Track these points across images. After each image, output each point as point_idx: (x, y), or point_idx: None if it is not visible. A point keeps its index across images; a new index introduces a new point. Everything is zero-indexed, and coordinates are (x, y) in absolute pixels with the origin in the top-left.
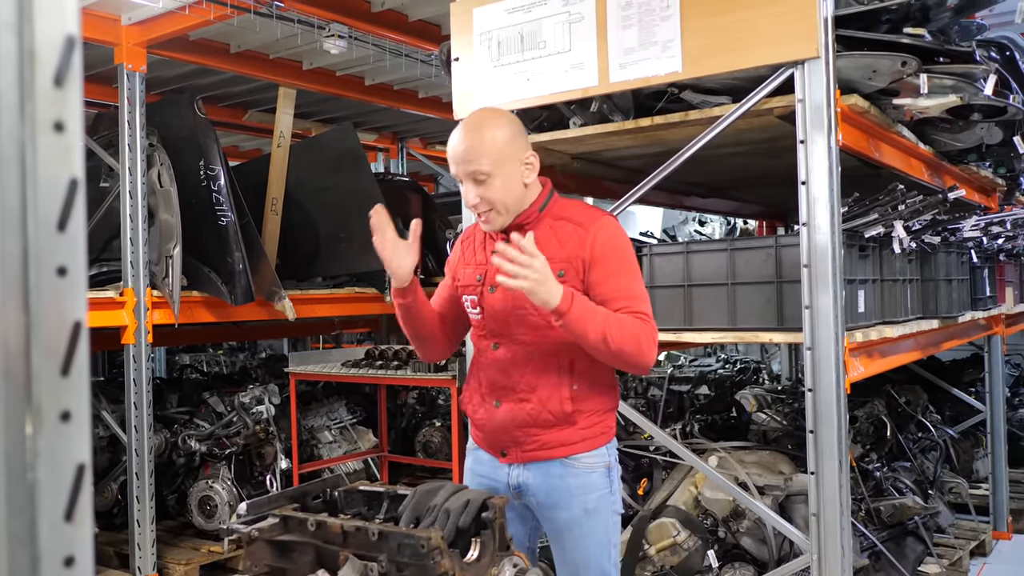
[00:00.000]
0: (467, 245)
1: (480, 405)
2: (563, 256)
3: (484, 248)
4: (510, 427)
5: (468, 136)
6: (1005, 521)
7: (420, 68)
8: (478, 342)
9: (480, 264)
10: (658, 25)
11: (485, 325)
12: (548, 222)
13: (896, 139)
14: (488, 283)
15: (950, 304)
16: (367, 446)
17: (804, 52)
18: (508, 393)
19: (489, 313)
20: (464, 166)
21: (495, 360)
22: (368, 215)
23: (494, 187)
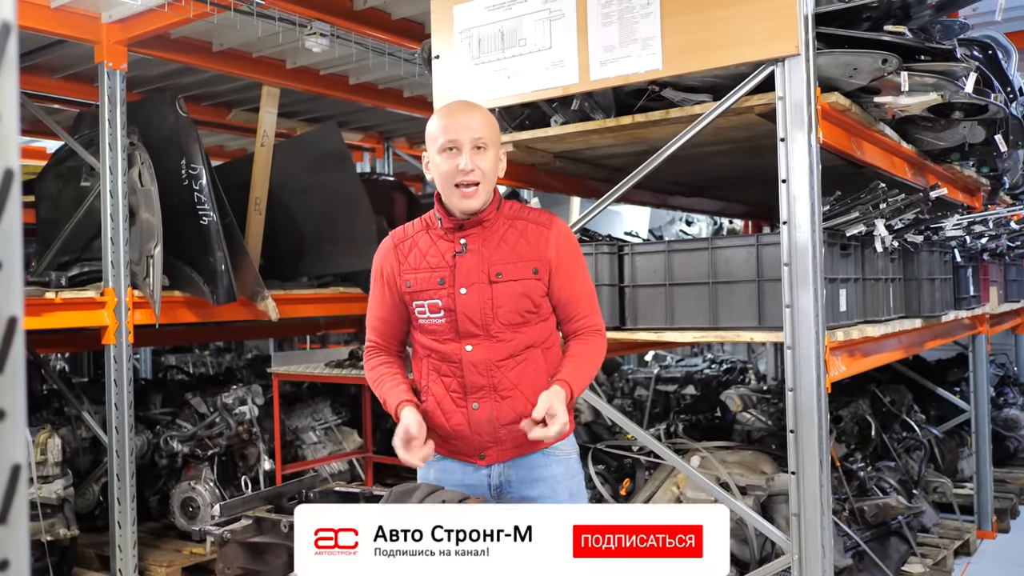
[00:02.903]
0: (407, 248)
1: (453, 411)
2: (534, 255)
3: (437, 250)
4: (493, 427)
5: (467, 107)
6: (989, 520)
7: (404, 67)
8: (441, 346)
9: (438, 267)
10: (638, 22)
11: (454, 328)
12: (509, 222)
13: (878, 137)
14: (459, 284)
15: (933, 303)
16: (352, 447)
17: (784, 50)
18: (488, 393)
19: (462, 314)
20: (467, 132)
21: (470, 362)
22: (353, 215)
23: (488, 159)
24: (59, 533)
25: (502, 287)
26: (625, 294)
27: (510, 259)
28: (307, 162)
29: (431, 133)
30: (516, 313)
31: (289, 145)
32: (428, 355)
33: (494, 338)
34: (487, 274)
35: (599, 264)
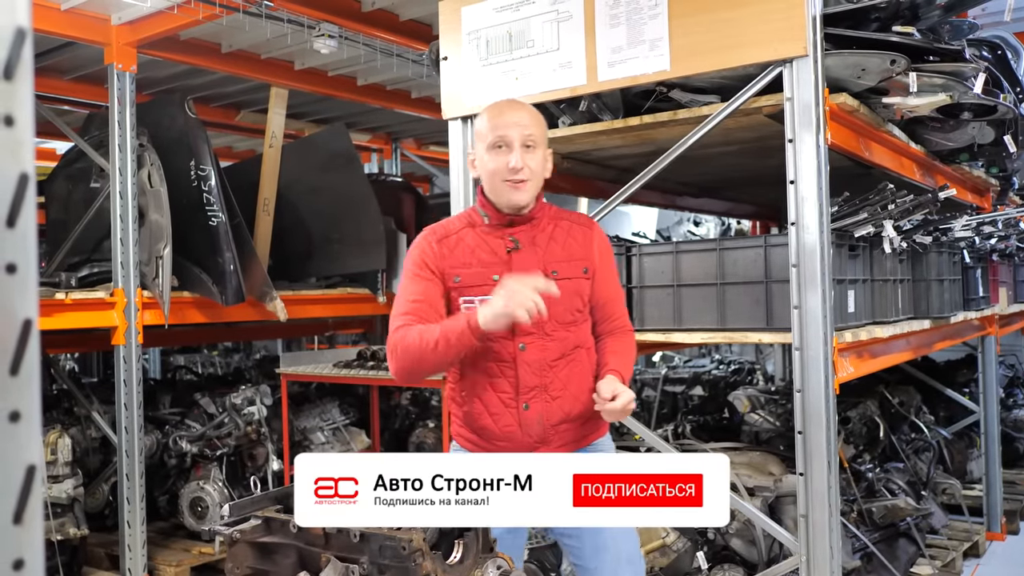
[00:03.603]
0: (452, 244)
1: (503, 411)
2: (583, 255)
3: (487, 246)
4: (542, 428)
5: (517, 105)
6: (999, 522)
7: (412, 68)
8: (492, 344)
9: (491, 263)
10: (646, 23)
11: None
12: (554, 221)
13: (887, 138)
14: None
15: (942, 304)
16: (360, 447)
17: (792, 50)
18: (539, 393)
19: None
20: (519, 129)
21: (524, 361)
22: (362, 215)
23: (537, 158)
24: (69, 532)
25: (559, 284)
26: (633, 295)
27: (563, 257)
28: (315, 163)
29: (480, 130)
30: (568, 312)
31: (297, 146)
32: (472, 357)
33: (548, 336)
34: (544, 271)
35: None
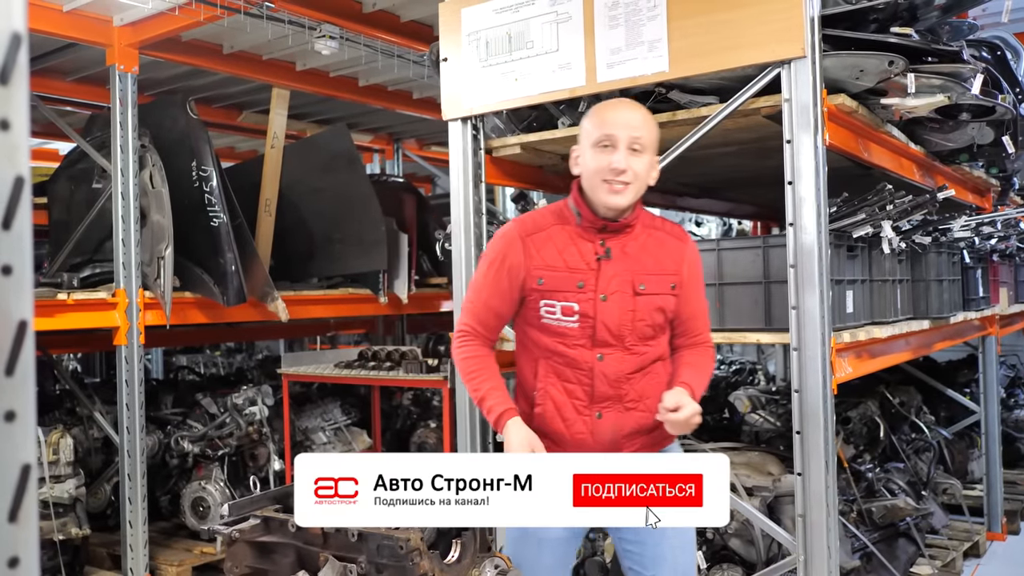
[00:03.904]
0: (540, 242)
1: (575, 418)
2: (672, 268)
3: (576, 250)
4: (615, 437)
5: (629, 105)
6: (999, 522)
7: (413, 69)
8: (568, 351)
9: (578, 269)
10: (645, 25)
11: (590, 335)
12: (647, 231)
13: (886, 139)
14: (600, 291)
15: (941, 305)
16: (361, 447)
17: (790, 52)
18: (613, 403)
19: (601, 323)
20: (628, 130)
21: (601, 372)
22: (363, 216)
23: (643, 162)
24: (71, 532)
25: (644, 300)
26: None
27: (653, 271)
28: (317, 163)
29: (586, 128)
30: (651, 327)
31: (299, 147)
32: (548, 357)
33: (628, 350)
34: (631, 284)
35: None
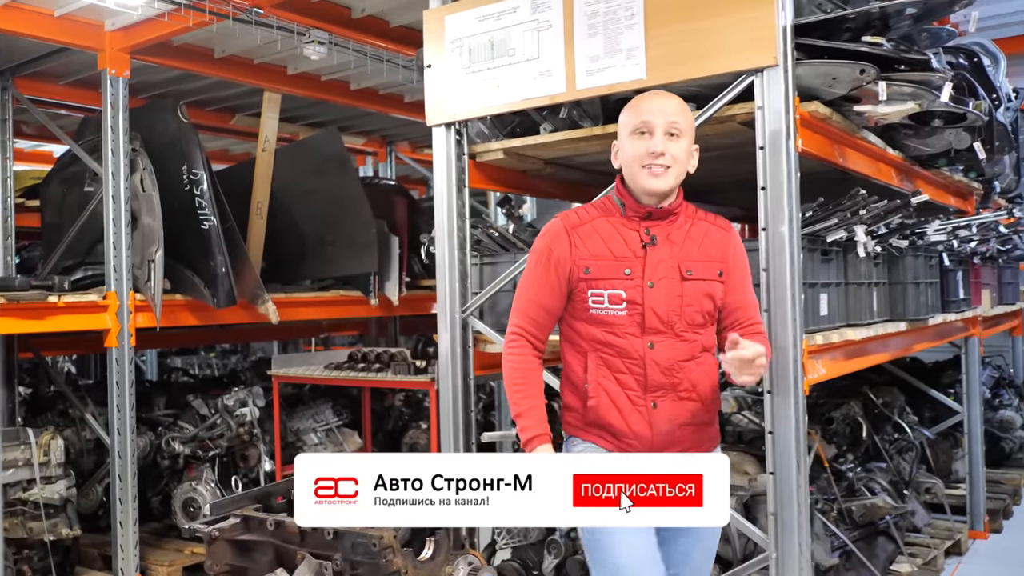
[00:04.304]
0: (585, 234)
1: (631, 409)
2: (719, 257)
3: (621, 239)
4: (671, 427)
5: (663, 94)
6: (982, 521)
7: (403, 73)
8: (618, 340)
9: (623, 256)
10: (623, 33)
11: (638, 322)
12: (691, 220)
13: (862, 144)
14: (648, 277)
15: (918, 307)
16: (352, 448)
17: (763, 60)
18: (667, 392)
19: (649, 309)
20: (664, 115)
21: (653, 360)
22: (354, 218)
23: (681, 146)
24: (62, 533)
25: (692, 285)
26: None
27: (700, 257)
28: (309, 166)
29: (623, 120)
30: (700, 313)
31: (291, 149)
32: (597, 349)
33: (678, 337)
34: (678, 269)
35: None
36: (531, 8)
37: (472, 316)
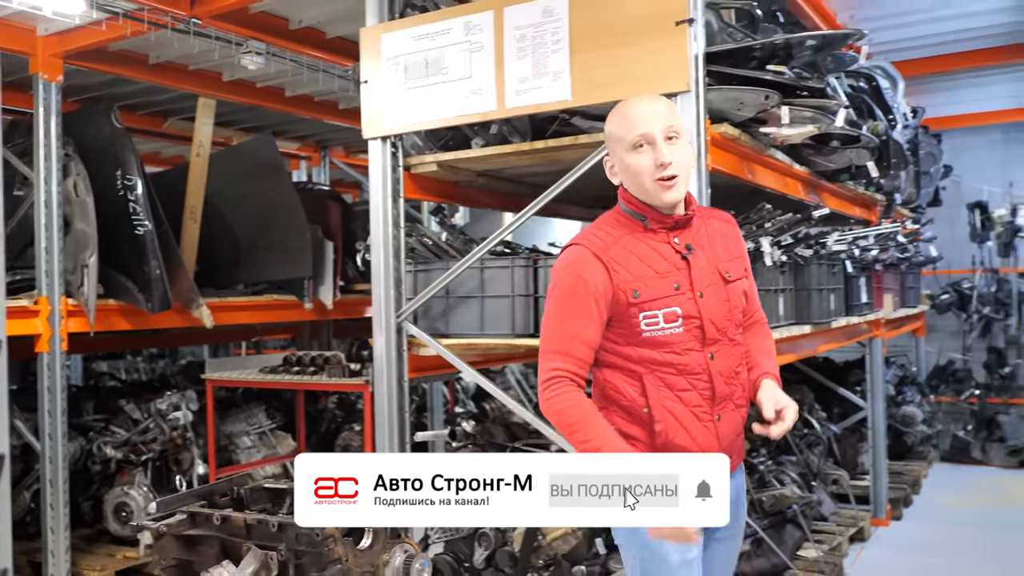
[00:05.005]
0: (620, 256)
1: (699, 426)
2: (739, 252)
3: (658, 254)
4: (732, 438)
5: (656, 99)
6: (884, 509)
7: (339, 82)
8: (679, 358)
9: (667, 272)
10: (550, 57)
11: (698, 336)
12: (704, 220)
13: (770, 161)
14: (697, 288)
15: (822, 311)
16: (285, 450)
17: (677, 86)
18: (727, 403)
19: (708, 320)
20: (658, 122)
21: (717, 371)
22: (288, 223)
23: (682, 150)
24: None
25: (734, 287)
26: (539, 303)
27: (727, 257)
28: (243, 171)
29: (615, 133)
30: (741, 312)
31: (225, 154)
32: (655, 371)
33: (732, 342)
34: (719, 273)
35: (515, 276)
36: (464, 30)
37: (407, 321)
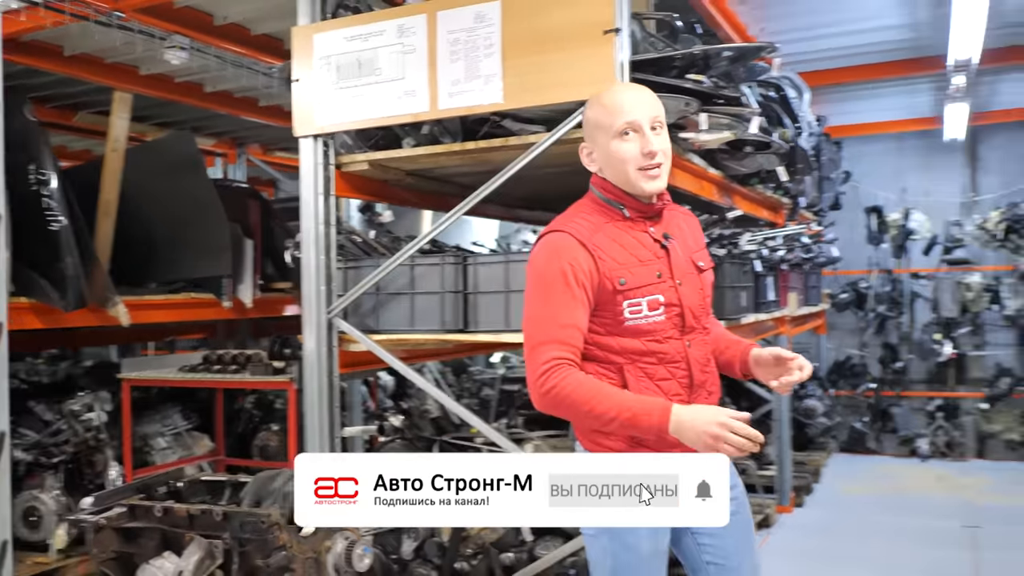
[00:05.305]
0: (603, 244)
1: None
2: (703, 242)
3: (638, 242)
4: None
5: (638, 88)
6: (788, 497)
7: (261, 79)
8: (660, 346)
9: (649, 260)
10: (482, 61)
11: (678, 324)
12: (671, 211)
13: (687, 165)
14: (676, 276)
15: (735, 308)
16: (202, 451)
17: None
18: (700, 390)
19: (687, 308)
20: (647, 110)
21: (695, 359)
22: (207, 221)
23: (666, 139)
24: None
25: (705, 276)
26: (468, 300)
27: (698, 247)
28: (160, 167)
29: (598, 120)
30: (710, 301)
31: (142, 150)
32: (636, 360)
33: (704, 330)
34: (693, 263)
35: (445, 273)
36: (397, 32)
37: (337, 317)
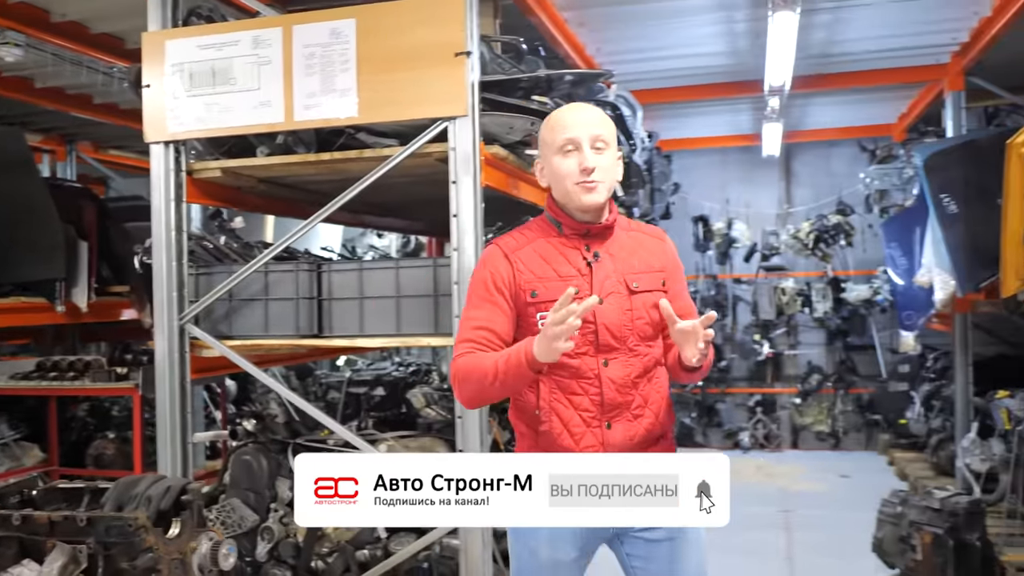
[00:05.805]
0: (525, 257)
1: (584, 432)
2: (658, 266)
3: (564, 258)
4: (627, 446)
5: (582, 107)
6: None
7: (101, 77)
8: (571, 361)
9: (569, 276)
10: (338, 75)
11: (592, 340)
12: (625, 232)
13: (531, 179)
14: (596, 293)
15: None
16: (32, 462)
17: (455, 110)
18: (621, 411)
19: (602, 326)
20: (588, 128)
21: (608, 378)
22: (38, 222)
23: (608, 159)
24: None
25: (640, 297)
26: (323, 306)
27: (642, 269)
28: None
29: (544, 137)
30: (650, 325)
31: None
32: (550, 374)
33: (632, 351)
34: (625, 283)
35: (299, 280)
36: (252, 43)
37: (189, 323)
